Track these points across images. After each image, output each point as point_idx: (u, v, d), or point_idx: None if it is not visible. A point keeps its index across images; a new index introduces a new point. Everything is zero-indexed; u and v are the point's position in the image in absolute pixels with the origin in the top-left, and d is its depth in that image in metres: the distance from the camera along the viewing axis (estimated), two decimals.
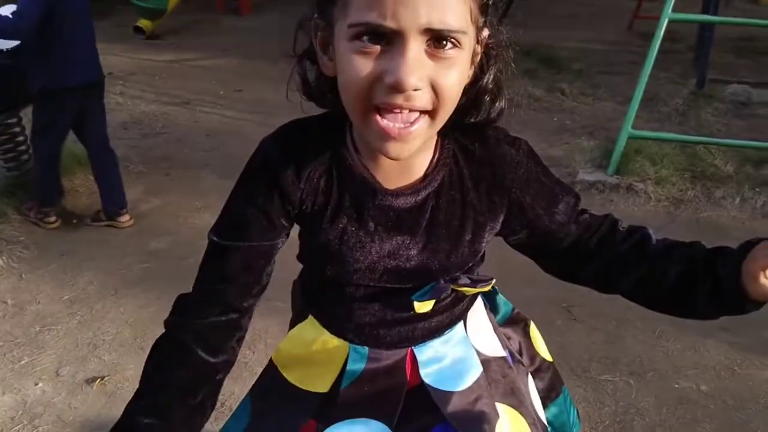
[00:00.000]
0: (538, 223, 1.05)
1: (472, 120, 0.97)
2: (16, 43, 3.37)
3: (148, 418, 0.93)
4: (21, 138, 3.86)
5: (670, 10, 4.04)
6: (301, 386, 1.07)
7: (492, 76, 0.96)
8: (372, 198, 0.96)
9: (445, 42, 0.79)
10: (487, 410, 1.06)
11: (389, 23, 0.76)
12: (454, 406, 1.04)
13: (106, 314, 2.93)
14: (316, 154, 0.96)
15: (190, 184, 4.18)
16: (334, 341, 1.05)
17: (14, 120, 3.78)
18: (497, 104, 0.97)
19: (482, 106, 0.96)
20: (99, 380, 2.56)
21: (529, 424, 1.12)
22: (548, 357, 1.33)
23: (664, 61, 6.59)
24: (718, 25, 5.83)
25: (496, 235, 1.07)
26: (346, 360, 1.04)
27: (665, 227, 3.75)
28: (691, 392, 2.53)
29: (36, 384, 2.55)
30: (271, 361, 1.12)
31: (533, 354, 1.29)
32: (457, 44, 0.80)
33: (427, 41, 0.78)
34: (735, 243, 0.98)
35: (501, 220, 1.04)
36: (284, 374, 1.09)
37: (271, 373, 1.11)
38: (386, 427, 1.02)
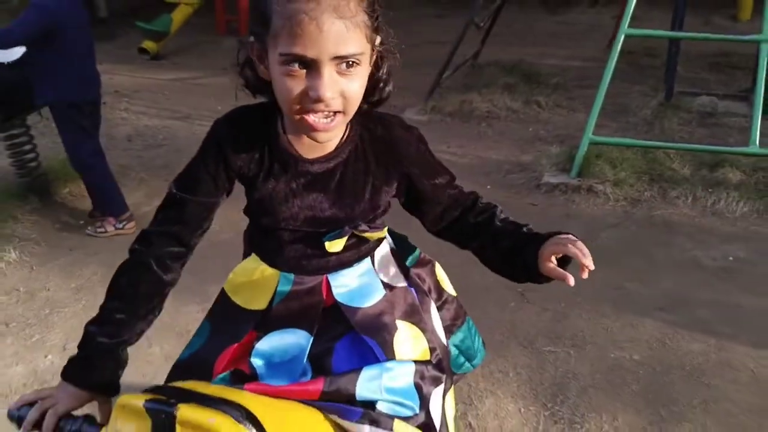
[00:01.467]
0: (422, 191, 1.41)
1: (374, 99, 1.32)
2: (17, 56, 3.68)
3: (110, 325, 1.28)
4: (28, 147, 4.17)
5: (626, 26, 4.40)
6: (244, 306, 1.41)
7: (385, 69, 1.31)
8: (294, 165, 1.31)
9: (349, 62, 1.14)
10: (388, 322, 1.39)
11: (309, 54, 1.11)
12: (360, 318, 1.37)
13: None
14: (254, 132, 1.32)
15: None
16: (268, 270, 1.39)
17: (22, 130, 4.11)
18: (388, 88, 1.32)
19: (378, 91, 1.31)
20: None
21: (427, 339, 1.46)
22: (452, 292, 1.66)
23: (639, 75, 7.00)
24: (695, 42, 6.21)
25: (393, 197, 1.41)
26: (278, 284, 1.39)
27: (621, 224, 4.09)
28: (624, 361, 2.86)
29: (45, 356, 2.90)
30: (222, 289, 1.47)
31: (440, 290, 1.63)
32: (358, 63, 1.16)
33: (336, 64, 1.14)
34: (684, 238, 1.35)
35: (395, 186, 1.39)
36: (232, 298, 1.43)
37: (222, 299, 1.46)
38: (308, 334, 1.35)
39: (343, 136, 1.33)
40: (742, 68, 7.05)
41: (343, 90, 1.15)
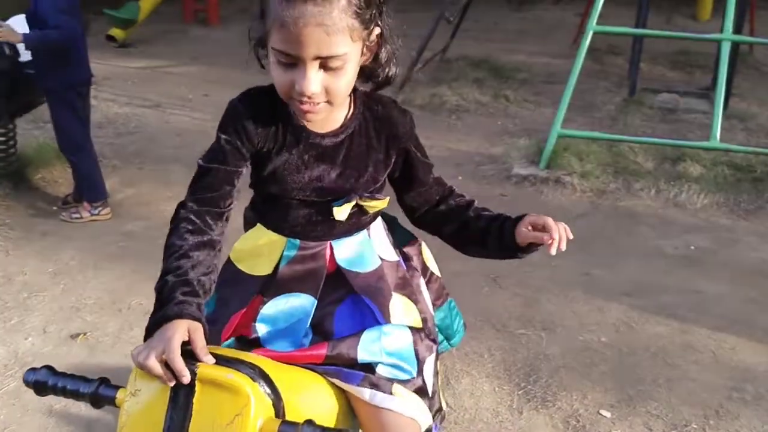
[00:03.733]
0: (415, 167, 1.51)
1: (379, 81, 1.40)
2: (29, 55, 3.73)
3: (184, 286, 1.23)
4: (12, 142, 4.20)
5: (594, 23, 4.54)
6: (250, 272, 1.48)
7: (385, 54, 1.39)
8: (306, 138, 1.39)
9: (332, 60, 1.22)
10: (384, 288, 1.48)
11: (294, 53, 1.20)
12: (360, 281, 1.45)
13: (87, 283, 3.30)
14: (267, 110, 1.39)
15: (161, 177, 4.56)
16: (274, 236, 1.46)
17: (11, 126, 4.13)
18: (390, 71, 1.40)
19: (381, 73, 1.39)
20: (82, 335, 2.93)
21: (419, 310, 1.54)
22: (437, 272, 1.75)
23: (604, 72, 7.18)
24: (657, 40, 6.40)
25: (391, 169, 1.49)
26: (284, 249, 1.46)
27: (588, 214, 4.24)
28: (592, 343, 2.98)
29: (26, 339, 2.91)
30: (228, 258, 1.53)
31: (425, 268, 1.72)
32: (343, 61, 1.24)
33: (320, 62, 1.23)
34: (648, 228, 1.45)
35: (393, 160, 1.47)
36: (237, 266, 1.50)
37: (228, 267, 1.52)
38: (313, 298, 1.43)
39: (348, 113, 1.42)
40: (701, 66, 7.28)
41: (328, 86, 1.25)
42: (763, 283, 3.47)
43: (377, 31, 1.31)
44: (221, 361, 1.12)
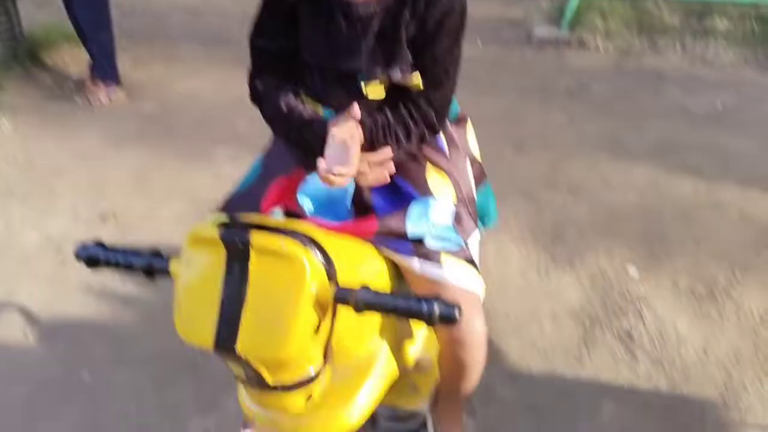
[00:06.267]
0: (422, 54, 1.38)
1: None
2: None
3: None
4: (16, 20, 4.05)
5: None
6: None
7: None
8: (340, 5, 1.33)
9: None
10: (420, 162, 1.45)
11: None
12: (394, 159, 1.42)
13: (110, 165, 3.30)
14: None
15: (172, 56, 4.45)
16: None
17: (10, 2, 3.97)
18: None
19: None
20: (112, 215, 2.96)
21: (453, 184, 1.51)
22: (478, 156, 1.73)
23: None
24: None
25: None
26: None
27: (612, 75, 4.13)
28: (618, 203, 2.98)
29: (57, 221, 2.94)
30: None
31: (468, 149, 1.69)
32: None
33: None
34: (674, 86, 1.36)
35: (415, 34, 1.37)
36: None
37: (275, 140, 1.53)
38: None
39: None
40: None
41: None
42: None
43: None
44: (273, 230, 1.12)
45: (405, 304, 1.05)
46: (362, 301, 1.06)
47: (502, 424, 2.06)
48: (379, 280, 1.36)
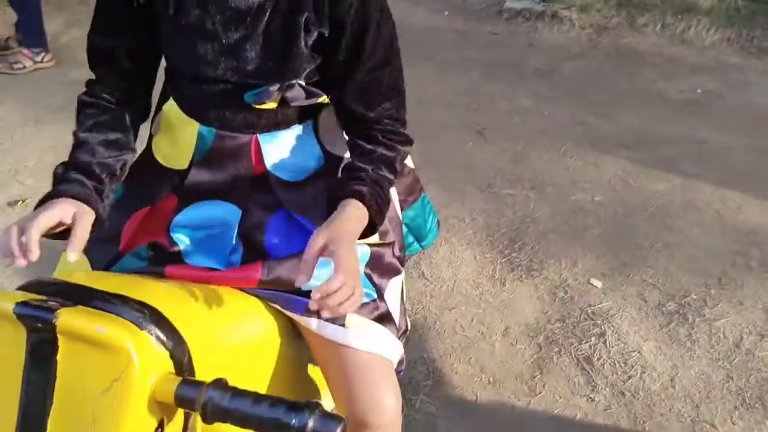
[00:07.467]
0: (335, 55, 1.08)
1: None
2: None
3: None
4: None
5: None
6: (164, 163, 1.17)
7: None
8: None
9: None
10: (322, 199, 1.15)
11: None
12: (292, 195, 1.13)
13: (27, 142, 2.96)
14: None
15: None
16: (186, 119, 1.13)
17: None
18: None
19: None
20: (21, 202, 2.64)
21: None
22: (410, 164, 1.42)
23: None
24: None
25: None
26: (197, 139, 1.12)
27: (585, 54, 3.83)
28: (585, 203, 2.72)
29: None
30: (149, 138, 1.24)
31: None
32: None
33: None
34: (651, 69, 1.06)
35: (326, 34, 1.06)
36: (155, 155, 1.19)
37: (146, 153, 1.22)
38: (236, 208, 1.12)
39: None
40: None
41: None
42: None
43: None
44: (99, 300, 0.83)
45: (268, 414, 0.77)
46: (211, 405, 0.78)
47: None
48: (269, 342, 1.08)
